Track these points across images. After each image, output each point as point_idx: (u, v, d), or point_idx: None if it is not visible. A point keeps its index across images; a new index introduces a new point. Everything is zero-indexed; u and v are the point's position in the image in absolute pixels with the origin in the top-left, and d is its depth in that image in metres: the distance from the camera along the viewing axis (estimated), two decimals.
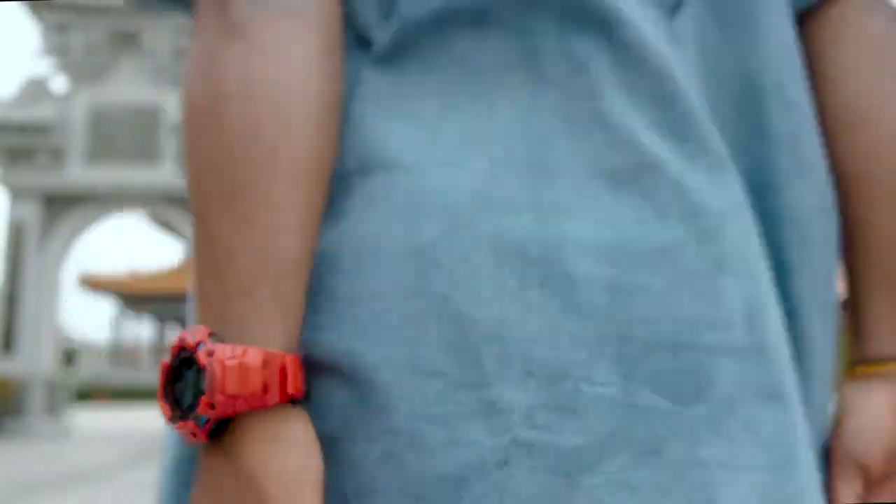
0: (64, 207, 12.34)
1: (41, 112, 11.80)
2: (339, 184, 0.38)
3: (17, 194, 12.15)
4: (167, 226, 32.85)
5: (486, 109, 0.39)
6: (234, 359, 0.33)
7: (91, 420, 16.88)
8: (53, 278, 12.31)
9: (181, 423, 0.33)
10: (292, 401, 0.34)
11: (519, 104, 0.39)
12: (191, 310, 0.45)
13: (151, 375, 39.38)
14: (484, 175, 0.38)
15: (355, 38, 0.41)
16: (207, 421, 0.33)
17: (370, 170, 0.38)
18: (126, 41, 12.66)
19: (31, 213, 12.10)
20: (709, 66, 0.44)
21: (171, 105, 12.36)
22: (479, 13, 0.39)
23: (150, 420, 16.18)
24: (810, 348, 0.44)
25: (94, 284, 46.23)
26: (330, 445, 0.35)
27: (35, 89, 12.54)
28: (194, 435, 0.34)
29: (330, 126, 0.38)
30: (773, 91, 0.45)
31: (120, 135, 12.33)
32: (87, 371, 43.78)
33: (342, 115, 0.39)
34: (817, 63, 0.48)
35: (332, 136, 0.38)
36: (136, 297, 46.67)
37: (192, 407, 0.33)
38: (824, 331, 0.45)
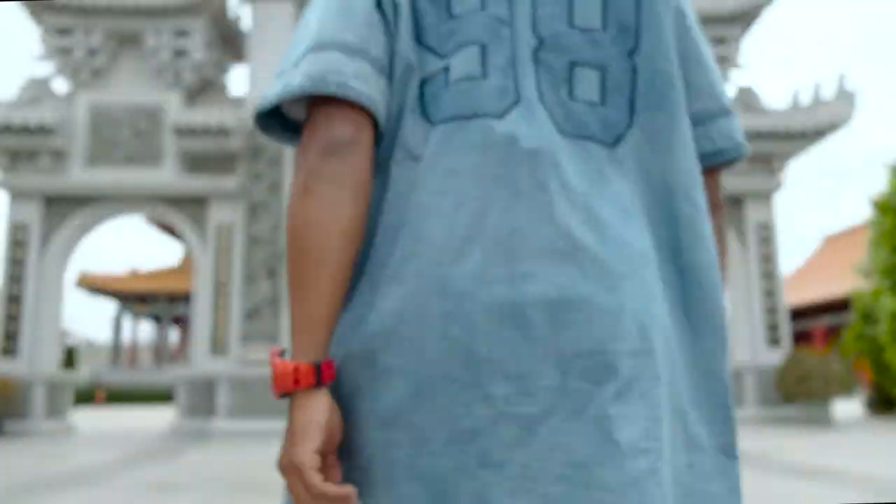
0: (65, 209, 12.40)
1: (42, 114, 11.84)
2: (381, 271, 0.74)
3: (18, 195, 12.19)
4: (167, 226, 32.80)
5: (481, 211, 0.71)
6: (277, 367, 0.70)
7: (91, 420, 16.93)
8: (55, 279, 12.36)
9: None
10: (319, 384, 0.69)
11: (502, 209, 0.70)
12: (197, 304, 1.82)
13: (151, 376, 39.36)
14: (479, 263, 0.69)
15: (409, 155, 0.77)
16: (278, 395, 0.70)
17: (408, 260, 0.72)
18: (127, 43, 12.70)
19: (33, 214, 12.16)
20: (643, 174, 0.76)
21: (171, 106, 12.41)
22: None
23: (151, 420, 16.23)
24: (707, 350, 0.77)
25: (93, 284, 46.25)
26: (416, 396, 0.70)
27: (36, 91, 12.58)
28: (289, 391, 0.69)
29: (351, 248, 0.71)
30: (682, 193, 0.76)
31: (121, 136, 12.37)
32: (86, 371, 43.79)
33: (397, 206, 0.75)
34: None
35: (351, 256, 0.72)
36: (135, 296, 46.68)
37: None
38: (716, 342, 0.77)
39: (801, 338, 40.81)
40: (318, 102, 0.74)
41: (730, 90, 13.73)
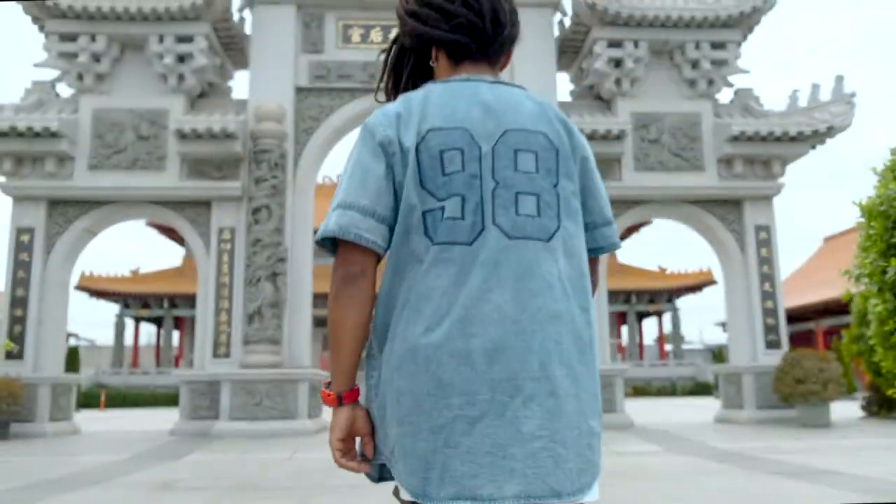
0: (69, 212, 12.50)
1: (47, 118, 11.95)
2: (382, 338, 1.31)
3: (22, 199, 12.30)
4: (167, 229, 32.81)
5: (452, 300, 1.22)
6: (324, 394, 1.32)
7: (95, 422, 17.01)
8: (60, 283, 12.47)
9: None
10: (341, 404, 1.31)
11: (463, 297, 1.21)
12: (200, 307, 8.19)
13: (153, 379, 39.35)
14: (448, 329, 1.21)
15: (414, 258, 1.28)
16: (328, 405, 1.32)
17: (390, 341, 1.29)
18: (130, 48, 12.81)
19: (37, 218, 12.26)
20: (568, 254, 1.29)
21: (174, 110, 12.52)
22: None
23: (154, 422, 16.29)
24: (581, 376, 1.25)
25: (94, 286, 46.29)
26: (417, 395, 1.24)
27: (41, 95, 12.70)
28: (333, 406, 1.31)
29: (359, 334, 1.28)
30: (584, 265, 1.34)
31: (124, 140, 12.48)
32: (89, 373, 43.84)
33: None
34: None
35: (360, 337, 1.29)
36: (136, 298, 46.70)
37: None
38: (587, 373, 1.27)
39: (802, 340, 40.75)
40: (343, 242, 1.28)
41: (728, 94, 13.83)
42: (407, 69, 1.52)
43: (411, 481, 1.21)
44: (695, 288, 50.37)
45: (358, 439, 1.33)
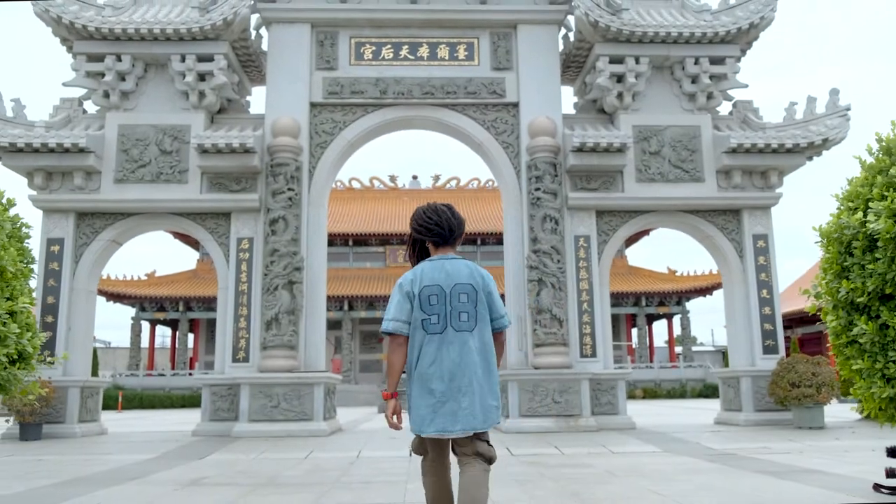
0: (96, 224, 13.14)
1: (75, 135, 12.59)
2: (410, 370, 3.40)
3: (51, 212, 12.95)
4: (183, 234, 33.52)
5: (439, 359, 3.32)
6: (384, 394, 3.45)
7: (118, 424, 17.67)
8: (87, 290, 13.10)
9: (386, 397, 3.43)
10: (392, 398, 3.38)
11: (441, 358, 3.31)
12: (220, 314, 11.91)
13: (169, 381, 40.09)
14: (432, 368, 3.31)
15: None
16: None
17: (412, 369, 3.37)
18: (153, 67, 13.45)
19: (66, 229, 12.91)
20: (480, 339, 3.38)
21: (196, 126, 13.13)
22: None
23: (175, 424, 16.92)
24: (493, 375, 3.38)
25: (110, 289, 47.13)
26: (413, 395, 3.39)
27: (69, 112, 13.36)
28: (386, 399, 3.40)
29: (401, 368, 3.38)
30: (489, 346, 3.40)
31: (148, 155, 13.10)
32: (107, 376, 44.63)
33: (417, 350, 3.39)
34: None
35: (401, 369, 3.38)
36: (152, 301, 47.53)
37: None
38: (489, 382, 3.34)
39: (811, 342, 40.92)
40: (392, 334, 3.35)
41: (727, 106, 14.29)
42: (417, 249, 3.59)
43: (417, 426, 3.30)
44: (704, 290, 50.63)
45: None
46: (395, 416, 3.33)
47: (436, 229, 3.44)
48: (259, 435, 11.70)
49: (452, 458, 3.41)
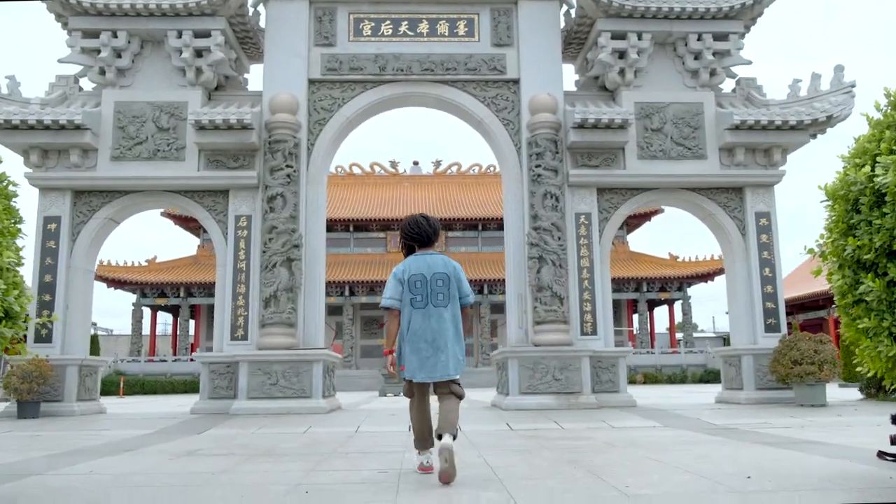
0: (93, 202, 13.04)
1: (71, 112, 12.47)
2: (403, 333, 4.83)
3: (48, 190, 12.84)
4: (182, 219, 33.34)
5: (424, 326, 4.74)
6: (385, 351, 4.97)
7: (118, 406, 17.65)
8: (84, 269, 13.02)
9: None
10: (391, 353, 4.86)
11: (425, 325, 4.74)
12: (219, 292, 12.54)
13: (170, 367, 40.07)
14: (418, 332, 4.73)
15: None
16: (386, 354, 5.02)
17: (405, 334, 4.80)
18: (150, 43, 13.30)
19: (62, 207, 12.81)
20: (452, 313, 4.79)
21: (193, 103, 12.99)
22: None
23: (175, 406, 16.87)
24: (456, 346, 4.78)
25: (111, 275, 47.08)
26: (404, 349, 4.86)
27: (64, 90, 13.23)
28: (386, 355, 4.94)
29: (397, 334, 4.81)
30: (457, 319, 4.82)
31: (145, 132, 12.98)
32: (108, 361, 44.65)
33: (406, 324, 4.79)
34: None
35: (396, 335, 4.82)
36: (153, 287, 47.49)
37: None
38: (458, 345, 4.79)
39: (813, 328, 40.86)
40: (390, 309, 4.79)
41: (731, 83, 14.13)
42: (406, 249, 4.99)
43: (409, 374, 4.70)
44: (706, 276, 50.51)
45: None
46: (392, 366, 4.85)
47: (418, 237, 4.93)
48: (258, 412, 11.64)
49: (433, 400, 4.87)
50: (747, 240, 13.38)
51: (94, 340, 38.33)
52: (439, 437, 4.48)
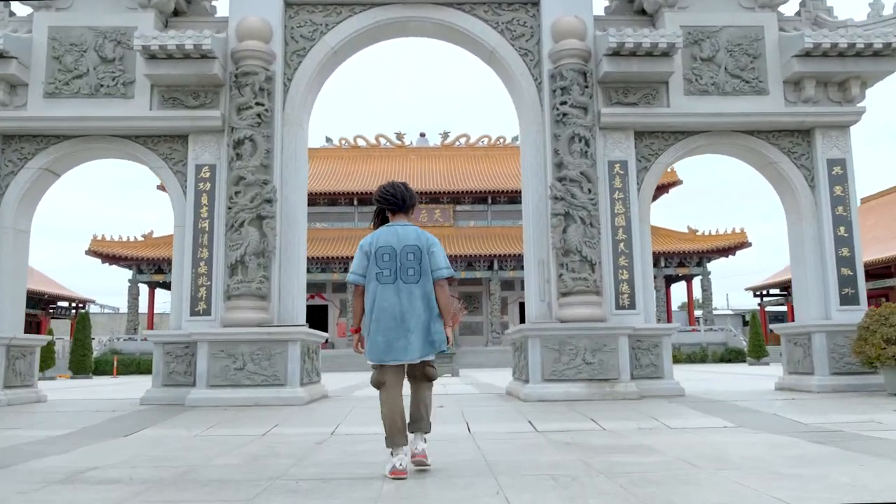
0: (25, 149, 10.79)
1: None
2: (369, 311, 4.51)
3: None
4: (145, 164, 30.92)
5: (392, 302, 4.42)
6: (352, 329, 4.84)
7: (85, 389, 15.52)
8: (16, 229, 10.81)
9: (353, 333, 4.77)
10: (357, 332, 4.69)
11: (394, 301, 4.43)
12: (176, 257, 10.81)
13: None
14: (385, 309, 4.42)
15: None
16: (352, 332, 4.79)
17: (370, 312, 4.48)
18: None
19: None
20: (423, 289, 4.47)
21: (144, 27, 10.67)
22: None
23: (144, 389, 14.68)
24: (427, 323, 4.45)
25: (105, 250, 45.06)
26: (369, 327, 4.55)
27: None
28: (353, 333, 4.75)
29: (362, 310, 4.57)
30: (429, 295, 4.50)
31: (86, 64, 10.70)
32: (103, 339, 42.78)
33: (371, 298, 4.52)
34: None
35: (362, 311, 4.57)
36: (149, 262, 45.43)
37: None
38: (432, 317, 4.47)
39: (874, 301, 38.38)
40: (355, 285, 4.59)
41: (793, 7, 11.67)
42: (378, 217, 4.68)
43: (374, 357, 4.39)
44: (727, 250, 48.04)
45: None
46: (360, 345, 4.58)
47: (391, 199, 4.53)
48: (220, 403, 9.47)
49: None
50: (817, 193, 11.01)
51: (85, 318, 36.47)
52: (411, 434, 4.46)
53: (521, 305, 45.79)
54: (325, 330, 41.88)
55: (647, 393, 9.92)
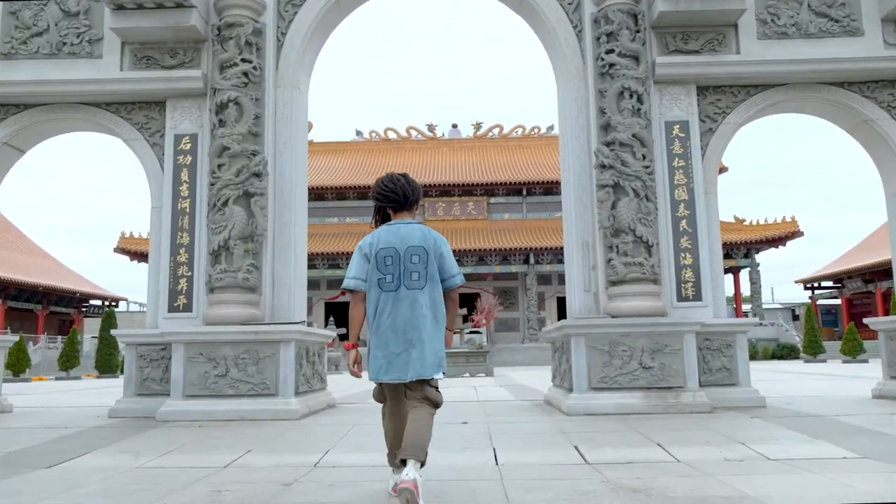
0: None
1: None
2: (373, 325, 3.91)
3: None
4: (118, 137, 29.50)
5: (393, 314, 3.84)
6: (346, 345, 4.13)
7: (77, 393, 14.13)
8: None
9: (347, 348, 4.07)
10: (354, 348, 4.00)
11: (396, 313, 3.85)
12: (153, 244, 9.07)
13: None
14: (387, 322, 3.84)
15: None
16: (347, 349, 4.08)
17: (371, 323, 3.92)
18: None
19: None
20: (431, 296, 3.89)
21: None
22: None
23: None
24: (433, 337, 3.85)
25: (133, 247, 44.21)
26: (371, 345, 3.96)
27: None
28: (348, 350, 4.04)
29: (361, 321, 3.95)
30: (439, 302, 3.94)
31: (45, 19, 9.17)
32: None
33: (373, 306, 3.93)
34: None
35: (361, 322, 3.95)
36: None
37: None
38: (437, 335, 3.88)
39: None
40: (353, 291, 3.93)
41: None
42: (379, 215, 4.06)
43: (374, 374, 3.83)
44: (777, 240, 45.33)
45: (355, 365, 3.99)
46: (356, 365, 3.95)
47: (392, 196, 3.95)
48: (197, 417, 7.84)
49: None
50: None
51: (110, 316, 35.46)
52: (403, 463, 3.55)
53: (559, 300, 43.79)
54: None
55: (720, 403, 8.03)
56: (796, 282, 57.22)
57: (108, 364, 32.96)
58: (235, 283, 8.37)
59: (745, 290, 48.66)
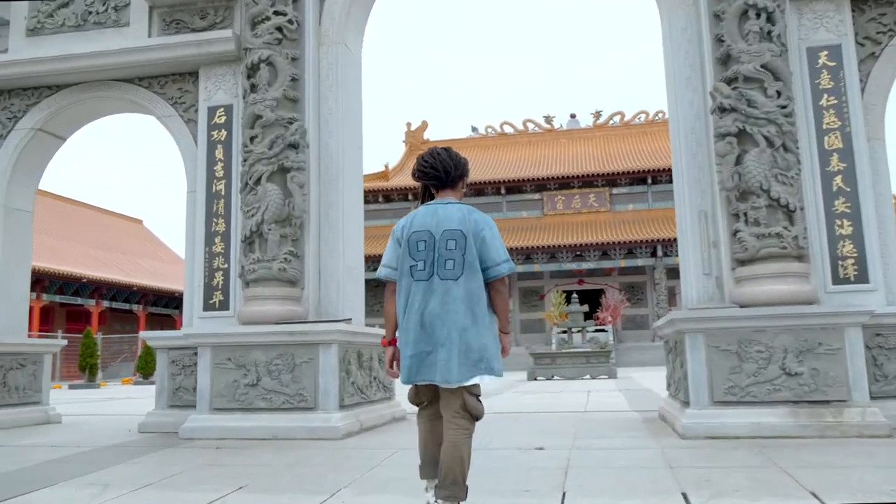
0: (14, 105, 8.57)
1: None
2: (401, 317, 3.38)
3: None
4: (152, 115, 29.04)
5: (423, 304, 3.28)
6: (383, 342, 3.58)
7: (115, 402, 13.48)
8: (9, 206, 8.61)
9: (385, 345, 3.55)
10: (392, 345, 3.48)
11: (426, 302, 3.28)
12: (188, 232, 7.88)
13: None
14: (416, 317, 3.28)
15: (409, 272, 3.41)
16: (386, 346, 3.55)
17: (401, 317, 3.38)
18: None
19: None
20: (467, 286, 3.24)
21: None
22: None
23: None
24: (471, 332, 3.23)
25: None
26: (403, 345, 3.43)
27: None
28: (385, 346, 3.55)
29: (395, 316, 3.42)
30: (477, 295, 3.28)
31: None
32: None
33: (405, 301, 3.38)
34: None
35: (395, 317, 3.42)
36: None
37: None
38: (476, 330, 3.24)
39: None
40: (385, 281, 3.48)
41: None
42: (423, 193, 3.57)
43: (403, 377, 3.30)
44: None
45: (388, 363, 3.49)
46: (393, 364, 3.48)
47: (431, 172, 3.47)
48: (224, 435, 6.57)
49: None
50: None
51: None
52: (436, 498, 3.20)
53: None
54: None
55: (816, 424, 5.79)
56: None
57: (153, 368, 32.67)
58: (270, 275, 7.04)
59: None
